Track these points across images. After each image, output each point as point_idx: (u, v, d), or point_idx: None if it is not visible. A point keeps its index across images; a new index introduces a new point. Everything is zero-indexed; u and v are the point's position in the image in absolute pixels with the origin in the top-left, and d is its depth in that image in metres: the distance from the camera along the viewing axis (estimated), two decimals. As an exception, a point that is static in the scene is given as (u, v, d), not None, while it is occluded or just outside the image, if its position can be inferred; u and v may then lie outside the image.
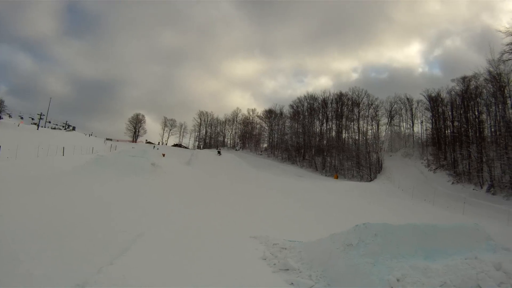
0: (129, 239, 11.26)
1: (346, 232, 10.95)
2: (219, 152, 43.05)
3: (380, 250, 9.36)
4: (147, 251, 10.43)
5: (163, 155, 55.26)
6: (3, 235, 10.31)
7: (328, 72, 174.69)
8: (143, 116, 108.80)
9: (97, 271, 8.14)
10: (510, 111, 47.63)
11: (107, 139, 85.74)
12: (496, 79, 48.74)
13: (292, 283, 9.34)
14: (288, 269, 10.32)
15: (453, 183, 50.90)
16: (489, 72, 49.60)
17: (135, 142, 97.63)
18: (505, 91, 48.08)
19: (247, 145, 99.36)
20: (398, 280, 8.06)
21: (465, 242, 9.94)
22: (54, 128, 75.69)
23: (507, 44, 43.30)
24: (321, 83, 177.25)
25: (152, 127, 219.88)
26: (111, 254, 9.57)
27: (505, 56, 44.12)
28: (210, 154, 57.63)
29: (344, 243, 10.37)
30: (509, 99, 48.04)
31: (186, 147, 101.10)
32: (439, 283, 7.98)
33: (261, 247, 12.86)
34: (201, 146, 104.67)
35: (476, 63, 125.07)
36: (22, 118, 68.64)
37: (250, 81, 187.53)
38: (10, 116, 68.92)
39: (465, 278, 7.94)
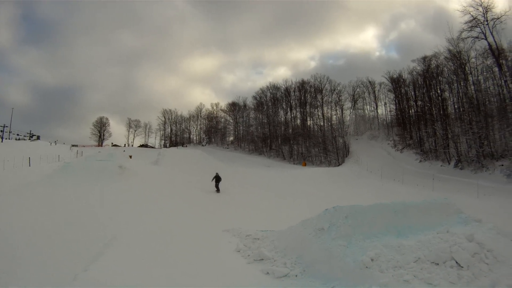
0: (102, 244, 10.97)
1: (317, 217, 10.97)
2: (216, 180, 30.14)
3: (352, 231, 9.42)
4: (121, 254, 10.17)
5: (130, 156, 54.50)
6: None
7: (286, 62, 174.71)
8: (107, 119, 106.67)
9: (73, 279, 7.93)
10: (472, 87, 49.02)
11: (73, 145, 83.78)
12: (456, 57, 50.11)
13: (268, 273, 9.37)
14: (262, 259, 10.32)
15: (420, 161, 52.16)
16: (449, 51, 51.10)
17: (101, 146, 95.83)
18: (466, 68, 49.49)
19: (213, 140, 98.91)
20: (372, 259, 8.09)
21: (436, 217, 10.09)
22: (19, 139, 73.96)
23: (465, 22, 44.53)
24: (279, 74, 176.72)
25: (117, 130, 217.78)
26: (85, 260, 9.31)
27: (464, 34, 45.36)
28: (177, 151, 57.08)
29: (315, 228, 10.38)
30: (470, 75, 49.56)
31: (152, 147, 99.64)
32: (413, 259, 8.04)
33: (234, 239, 12.78)
34: (168, 145, 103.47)
35: (432, 44, 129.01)
36: None
37: (210, 76, 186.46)
38: None
39: (438, 252, 7.99)
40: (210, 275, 9.14)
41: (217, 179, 28.45)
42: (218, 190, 27.88)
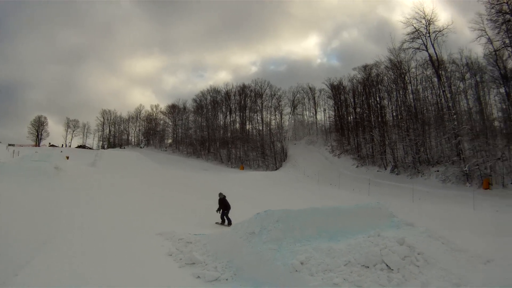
0: (33, 248, 10.42)
1: (248, 220, 11.06)
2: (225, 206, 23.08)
3: (283, 235, 9.47)
4: (53, 257, 9.77)
5: (67, 157, 53.07)
6: None
7: (228, 66, 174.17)
8: (45, 118, 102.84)
9: (1, 284, 7.65)
10: (411, 96, 50.97)
11: (10, 144, 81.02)
12: (397, 66, 51.82)
13: (199, 276, 9.25)
14: (194, 263, 10.20)
15: (357, 166, 53.59)
16: (390, 60, 52.58)
17: (39, 146, 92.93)
18: (406, 77, 51.34)
19: (151, 142, 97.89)
20: (302, 263, 8.11)
21: (369, 221, 10.37)
22: (-48, 139, 70.84)
23: (408, 34, 45.94)
24: (220, 77, 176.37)
25: (55, 129, 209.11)
26: (15, 265, 8.90)
27: (406, 45, 46.76)
28: (114, 153, 56.08)
29: (246, 232, 10.40)
30: (410, 85, 51.31)
31: (90, 148, 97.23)
32: (344, 262, 8.12)
33: (167, 243, 12.51)
34: (105, 146, 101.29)
35: (374, 53, 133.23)
36: None
37: (150, 78, 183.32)
38: None
39: (369, 255, 8.12)
40: (140, 279, 8.93)
41: (225, 205, 19.02)
42: (229, 222, 18.36)
